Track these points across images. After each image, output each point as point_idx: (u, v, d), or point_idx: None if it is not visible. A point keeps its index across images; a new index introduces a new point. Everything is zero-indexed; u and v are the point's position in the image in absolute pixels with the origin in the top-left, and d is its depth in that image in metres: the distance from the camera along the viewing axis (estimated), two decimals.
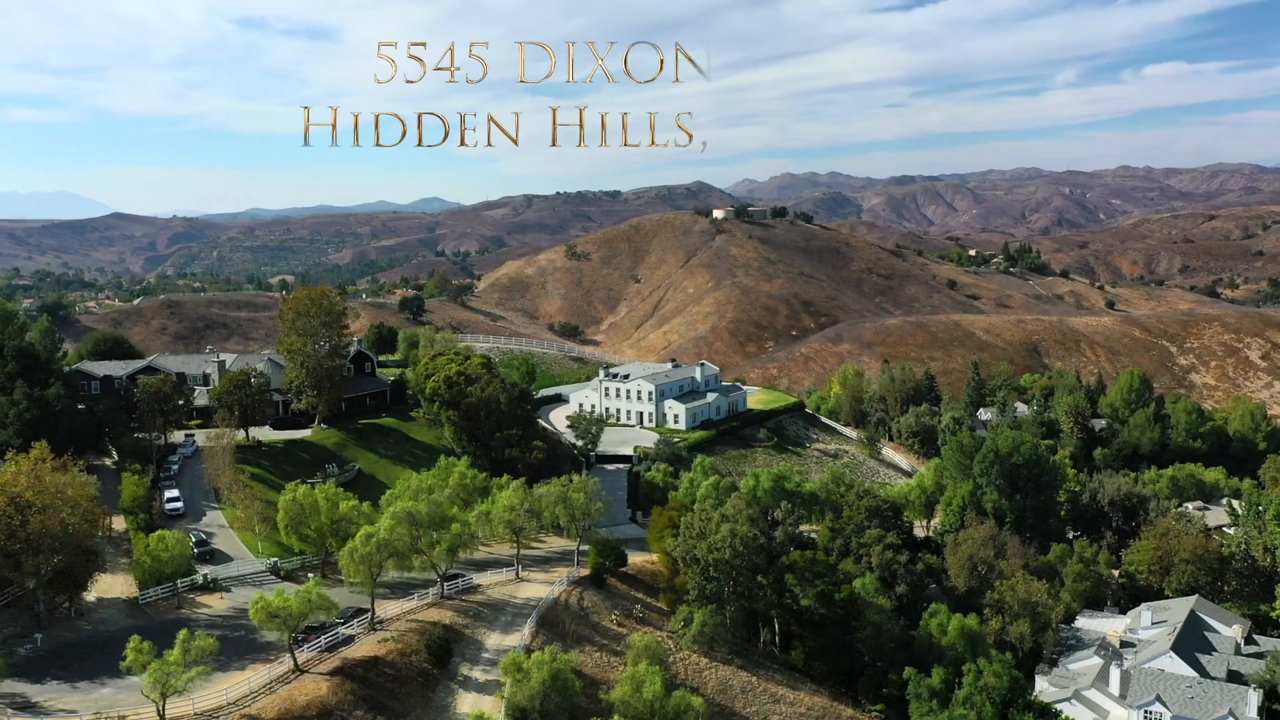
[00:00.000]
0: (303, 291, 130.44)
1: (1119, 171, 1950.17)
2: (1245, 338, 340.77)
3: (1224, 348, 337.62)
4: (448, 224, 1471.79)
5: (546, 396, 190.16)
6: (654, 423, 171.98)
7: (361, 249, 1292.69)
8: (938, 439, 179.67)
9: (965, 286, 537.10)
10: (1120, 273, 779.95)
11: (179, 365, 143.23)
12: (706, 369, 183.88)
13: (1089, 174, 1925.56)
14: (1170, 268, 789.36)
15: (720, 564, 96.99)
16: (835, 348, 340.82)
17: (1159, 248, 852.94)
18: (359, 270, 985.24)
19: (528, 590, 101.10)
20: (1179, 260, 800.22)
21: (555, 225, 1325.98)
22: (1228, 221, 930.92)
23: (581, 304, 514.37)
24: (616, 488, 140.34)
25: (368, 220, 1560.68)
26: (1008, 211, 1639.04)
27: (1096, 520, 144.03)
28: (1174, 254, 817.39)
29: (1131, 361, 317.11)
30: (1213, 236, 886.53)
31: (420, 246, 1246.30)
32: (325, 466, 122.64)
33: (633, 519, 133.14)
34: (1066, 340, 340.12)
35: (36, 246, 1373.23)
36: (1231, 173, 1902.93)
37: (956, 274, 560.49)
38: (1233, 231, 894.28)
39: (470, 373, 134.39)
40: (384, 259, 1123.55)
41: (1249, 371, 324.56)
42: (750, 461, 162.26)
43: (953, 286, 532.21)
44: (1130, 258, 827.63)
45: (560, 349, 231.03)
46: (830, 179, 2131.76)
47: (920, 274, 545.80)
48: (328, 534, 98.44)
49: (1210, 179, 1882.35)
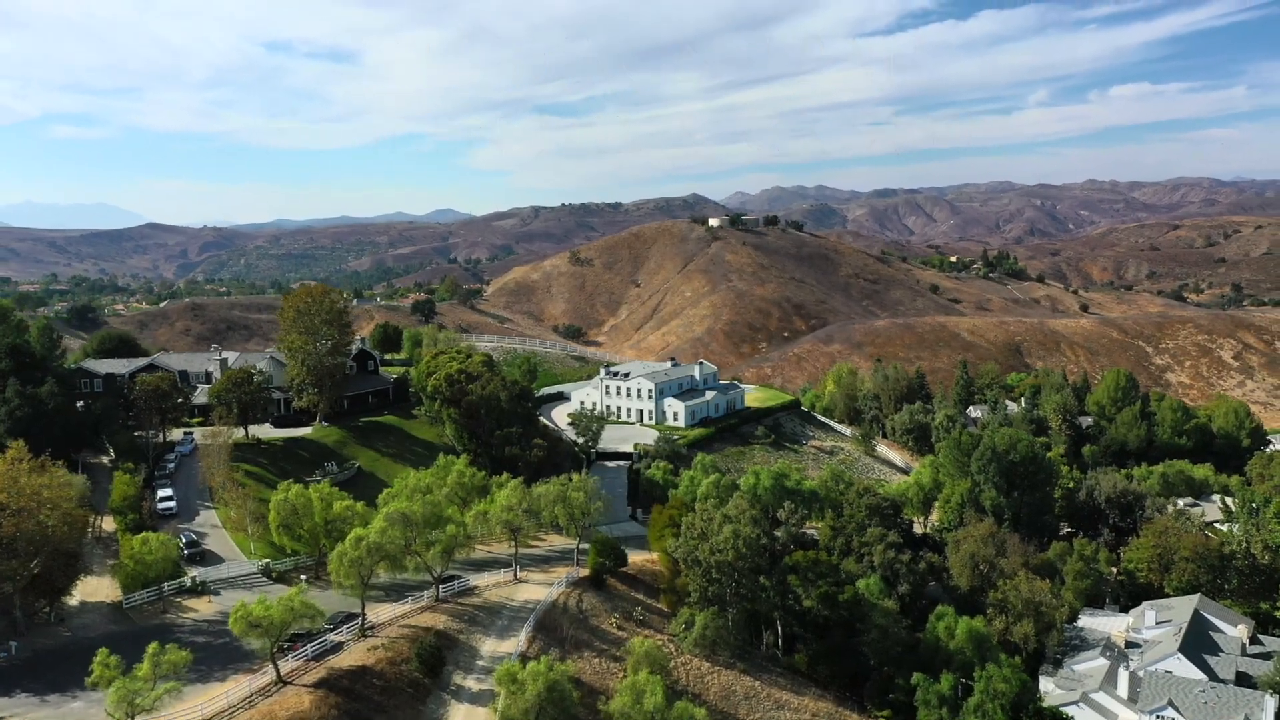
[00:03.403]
0: (304, 289, 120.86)
1: (1087, 185, 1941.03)
2: (1217, 338, 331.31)
3: (1197, 348, 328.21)
4: (460, 233, 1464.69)
5: (549, 395, 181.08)
6: (654, 420, 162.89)
7: (380, 257, 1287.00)
8: (931, 436, 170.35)
9: (947, 291, 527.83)
10: (1091, 278, 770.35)
11: (182, 363, 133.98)
12: (705, 368, 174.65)
13: (1059, 186, 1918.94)
14: (1138, 273, 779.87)
15: (723, 566, 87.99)
16: (826, 348, 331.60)
17: (1127, 255, 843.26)
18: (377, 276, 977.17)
19: (526, 592, 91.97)
20: (1146, 266, 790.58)
21: (561, 234, 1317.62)
22: (1191, 230, 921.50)
23: (584, 307, 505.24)
24: (617, 485, 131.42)
25: (385, 230, 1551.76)
26: (983, 222, 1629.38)
27: (1093, 517, 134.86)
28: (1141, 260, 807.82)
29: (1110, 361, 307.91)
30: (1177, 244, 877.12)
31: (434, 254, 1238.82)
32: (324, 465, 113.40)
33: (633, 516, 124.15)
34: (1047, 341, 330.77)
35: (75, 254, 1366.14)
36: (1192, 186, 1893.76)
37: (939, 279, 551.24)
38: (1196, 240, 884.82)
39: (471, 371, 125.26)
40: (400, 266, 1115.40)
41: (1222, 371, 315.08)
42: (748, 459, 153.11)
43: (935, 291, 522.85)
44: (1100, 264, 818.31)
45: (562, 349, 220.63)
46: (817, 192, 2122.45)
47: (905, 279, 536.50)
48: (321, 535, 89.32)
49: (1172, 192, 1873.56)
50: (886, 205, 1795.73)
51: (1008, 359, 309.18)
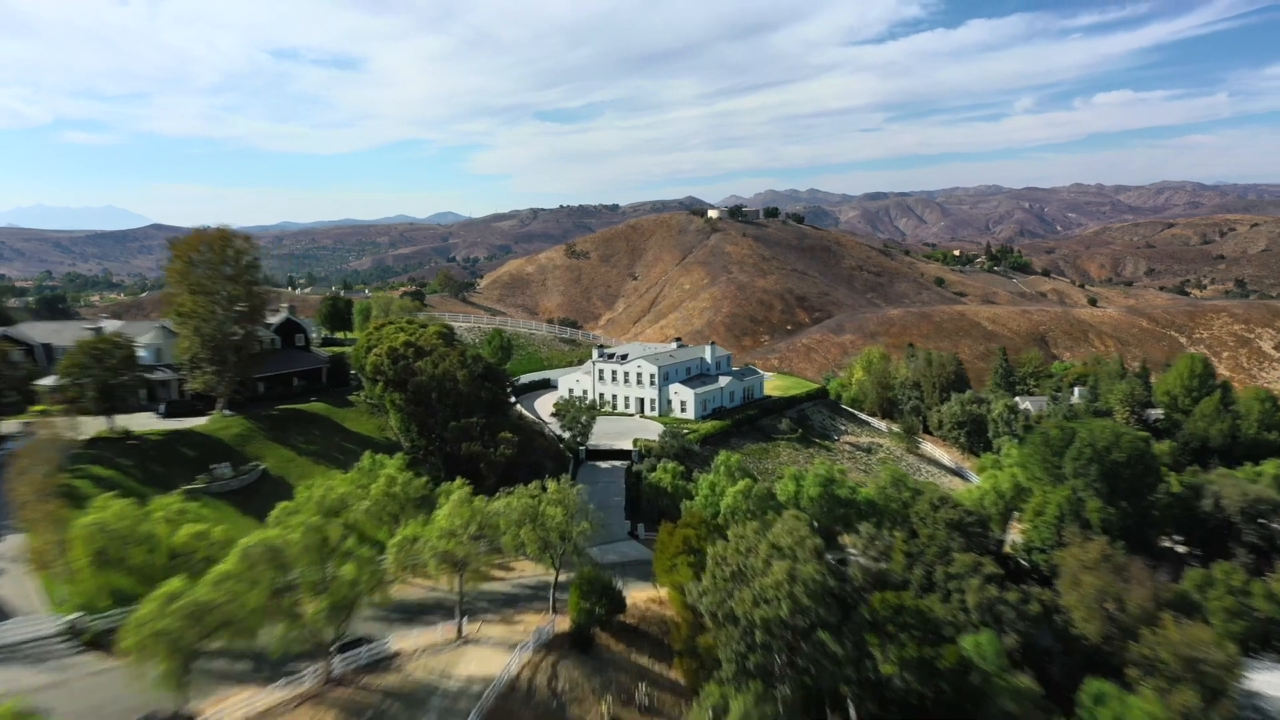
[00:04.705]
0: (197, 234, 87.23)
1: (1073, 188, 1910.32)
2: (1255, 328, 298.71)
3: (1235, 338, 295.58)
4: (460, 234, 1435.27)
5: (532, 383, 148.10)
6: (657, 411, 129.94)
7: (380, 257, 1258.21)
8: (988, 430, 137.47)
9: (952, 284, 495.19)
10: (1089, 275, 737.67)
11: (47, 334, 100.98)
12: (717, 350, 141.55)
13: (1046, 190, 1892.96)
14: (1136, 270, 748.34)
15: (772, 624, 55.22)
16: (838, 338, 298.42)
17: (1124, 252, 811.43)
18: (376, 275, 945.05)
19: (473, 662, 58.98)
20: (1144, 263, 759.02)
21: (559, 235, 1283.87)
22: (1186, 229, 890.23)
23: (580, 300, 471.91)
24: (612, 492, 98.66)
25: (386, 231, 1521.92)
26: (973, 224, 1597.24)
27: (1219, 533, 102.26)
28: (1139, 258, 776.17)
29: (1142, 351, 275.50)
30: (1173, 242, 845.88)
31: (434, 254, 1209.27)
32: (212, 468, 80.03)
33: (632, 533, 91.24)
34: (1074, 330, 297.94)
35: (80, 255, 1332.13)
36: (1176, 189, 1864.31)
37: (943, 272, 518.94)
38: (1191, 238, 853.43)
39: (422, 344, 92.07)
40: (400, 265, 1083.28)
41: (1263, 362, 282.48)
42: (773, 457, 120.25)
43: (940, 284, 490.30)
44: (1098, 261, 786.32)
45: (550, 330, 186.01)
46: (810, 195, 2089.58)
47: (909, 272, 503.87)
48: (161, 576, 56.25)
49: (1156, 195, 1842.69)
50: (878, 207, 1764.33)
51: (1032, 350, 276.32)
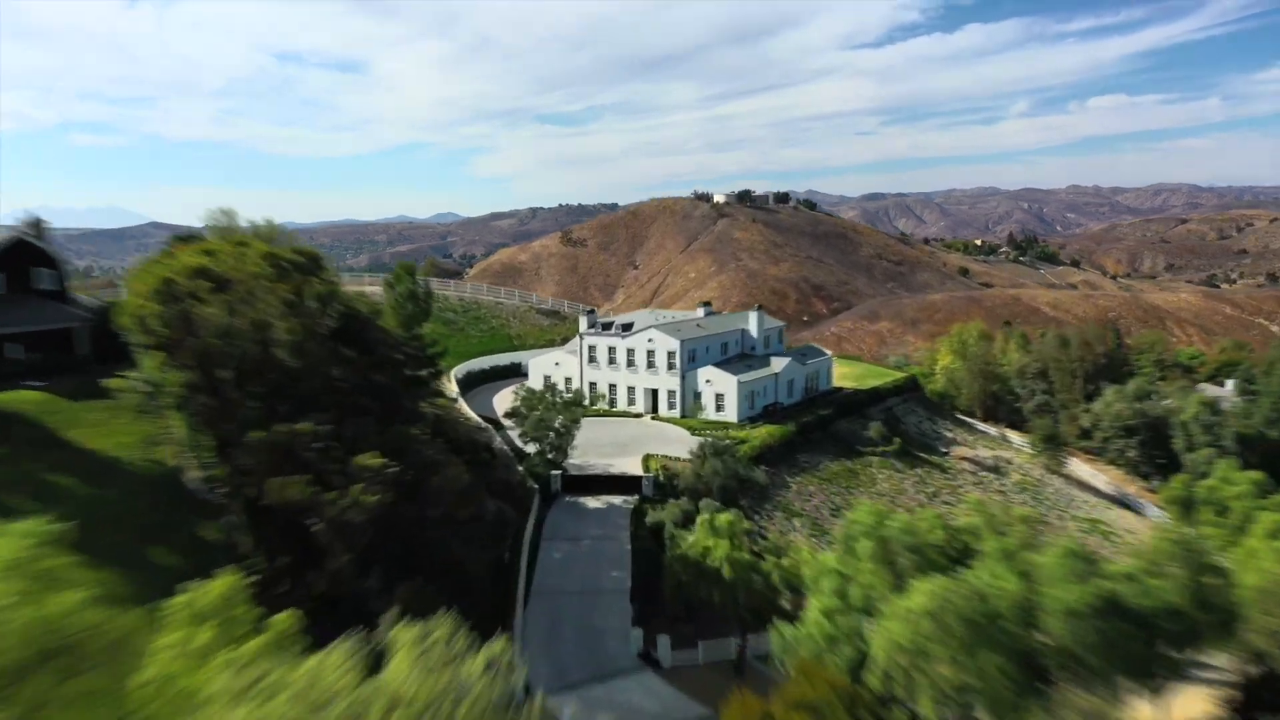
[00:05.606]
0: None
1: (1070, 189, 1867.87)
2: None
3: None
4: (458, 233, 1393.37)
5: (491, 369, 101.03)
6: (678, 409, 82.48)
7: (378, 254, 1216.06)
8: (1172, 440, 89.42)
9: (978, 274, 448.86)
10: (1105, 270, 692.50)
11: None
12: (766, 320, 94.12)
13: (1044, 190, 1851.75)
14: (1155, 265, 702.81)
15: None
16: (872, 326, 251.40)
17: (1139, 247, 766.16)
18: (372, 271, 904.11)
19: None
20: (1162, 259, 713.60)
21: None
22: (1201, 224, 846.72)
23: (576, 289, 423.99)
24: (604, 558, 51.26)
25: (385, 229, 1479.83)
26: (973, 224, 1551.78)
27: None
28: (1156, 252, 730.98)
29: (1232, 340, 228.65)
30: (1189, 238, 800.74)
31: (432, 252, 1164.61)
32: None
33: (644, 655, 43.98)
34: (1148, 317, 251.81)
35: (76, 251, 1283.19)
36: (1172, 191, 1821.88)
37: (967, 262, 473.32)
38: (1207, 234, 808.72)
39: (223, 274, 44.67)
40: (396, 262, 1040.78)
41: None
42: (866, 484, 73.01)
43: (965, 274, 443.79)
44: (1113, 257, 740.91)
45: (524, 299, 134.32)
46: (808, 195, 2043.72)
47: (930, 261, 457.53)
48: None
49: (1153, 196, 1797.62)
50: (877, 207, 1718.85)
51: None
